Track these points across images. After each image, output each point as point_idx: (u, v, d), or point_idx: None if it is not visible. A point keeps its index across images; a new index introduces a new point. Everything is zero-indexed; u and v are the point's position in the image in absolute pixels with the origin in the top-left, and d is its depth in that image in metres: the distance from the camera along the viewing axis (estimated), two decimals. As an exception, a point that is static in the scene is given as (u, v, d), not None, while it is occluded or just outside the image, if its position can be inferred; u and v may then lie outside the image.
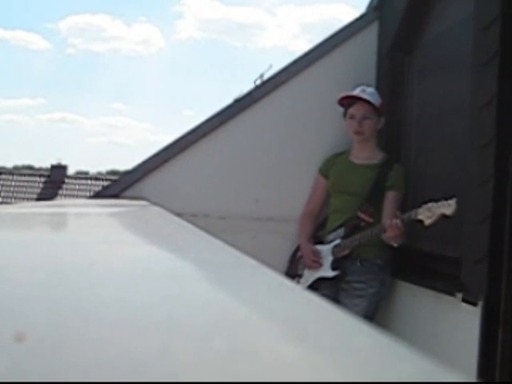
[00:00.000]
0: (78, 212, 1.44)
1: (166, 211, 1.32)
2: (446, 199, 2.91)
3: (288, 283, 0.65)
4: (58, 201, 15.42)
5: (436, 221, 2.92)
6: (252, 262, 0.78)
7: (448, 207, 2.89)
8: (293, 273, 3.68)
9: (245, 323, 0.51)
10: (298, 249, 3.76)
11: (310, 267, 3.57)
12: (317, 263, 3.52)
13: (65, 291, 0.62)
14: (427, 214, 2.96)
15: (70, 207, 1.63)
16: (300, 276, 3.64)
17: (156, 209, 1.33)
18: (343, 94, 3.57)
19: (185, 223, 1.21)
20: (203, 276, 0.69)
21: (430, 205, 2.96)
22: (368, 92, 3.53)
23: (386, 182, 3.43)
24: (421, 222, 2.99)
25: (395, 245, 3.22)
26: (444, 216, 2.90)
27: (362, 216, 3.39)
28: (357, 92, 3.54)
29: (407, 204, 3.38)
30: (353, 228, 3.41)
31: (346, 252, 3.41)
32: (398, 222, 3.08)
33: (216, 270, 0.72)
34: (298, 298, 0.60)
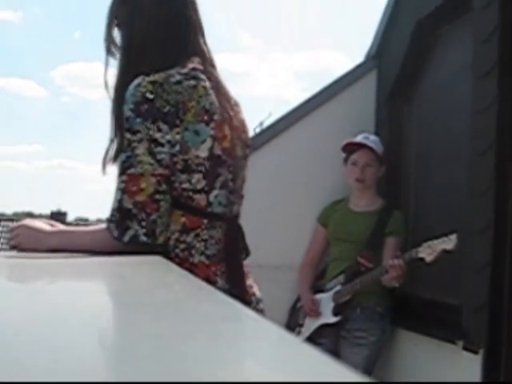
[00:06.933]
0: (77, 262, 1.45)
1: (170, 262, 1.33)
2: (446, 235, 2.88)
3: (288, 336, 0.65)
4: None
5: (438, 257, 2.88)
6: (252, 314, 0.78)
7: (449, 242, 2.86)
8: (293, 323, 3.64)
9: (243, 376, 0.51)
10: (298, 299, 3.72)
11: (309, 315, 3.55)
12: (315, 312, 3.50)
13: (64, 341, 0.62)
14: (428, 251, 2.92)
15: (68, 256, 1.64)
16: (301, 325, 3.60)
17: (159, 259, 1.34)
18: (347, 140, 3.59)
19: (185, 273, 1.22)
20: (202, 329, 0.69)
21: (430, 242, 2.93)
22: (371, 139, 3.55)
23: (386, 228, 3.43)
24: (422, 260, 2.96)
25: (396, 285, 3.18)
26: (445, 251, 2.86)
27: (362, 261, 3.36)
28: (360, 139, 3.56)
29: (407, 250, 3.37)
30: (353, 274, 3.37)
31: (347, 297, 3.37)
32: (400, 261, 3.06)
33: (215, 323, 0.72)
34: (298, 351, 0.61)
